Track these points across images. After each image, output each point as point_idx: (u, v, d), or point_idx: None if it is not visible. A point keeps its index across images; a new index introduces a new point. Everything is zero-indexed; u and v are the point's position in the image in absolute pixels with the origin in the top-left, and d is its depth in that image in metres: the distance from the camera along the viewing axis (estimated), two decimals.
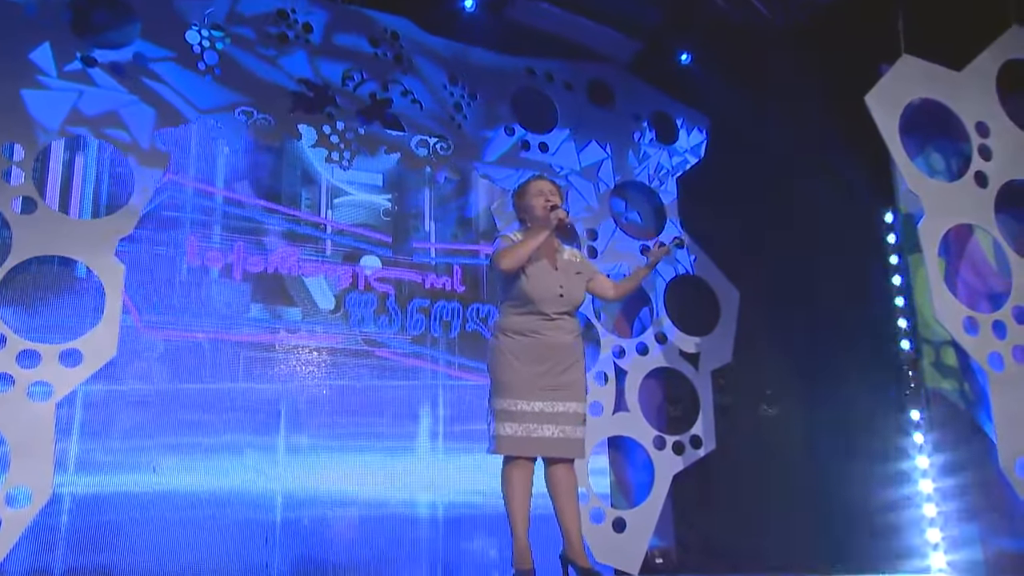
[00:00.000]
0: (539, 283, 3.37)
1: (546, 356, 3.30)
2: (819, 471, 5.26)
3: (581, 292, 3.47)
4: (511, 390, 3.27)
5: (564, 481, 3.33)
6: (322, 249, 4.86)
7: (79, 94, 4.40)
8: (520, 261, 3.33)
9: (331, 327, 4.78)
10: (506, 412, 3.25)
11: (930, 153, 4.90)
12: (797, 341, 5.45)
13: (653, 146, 5.67)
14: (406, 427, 4.85)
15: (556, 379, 3.31)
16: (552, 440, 3.26)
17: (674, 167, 5.68)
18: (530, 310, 3.37)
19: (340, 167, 5.01)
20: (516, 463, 3.28)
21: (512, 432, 3.23)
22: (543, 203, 3.45)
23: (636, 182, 5.70)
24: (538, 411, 3.25)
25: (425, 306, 5.04)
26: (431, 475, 4.83)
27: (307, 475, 4.55)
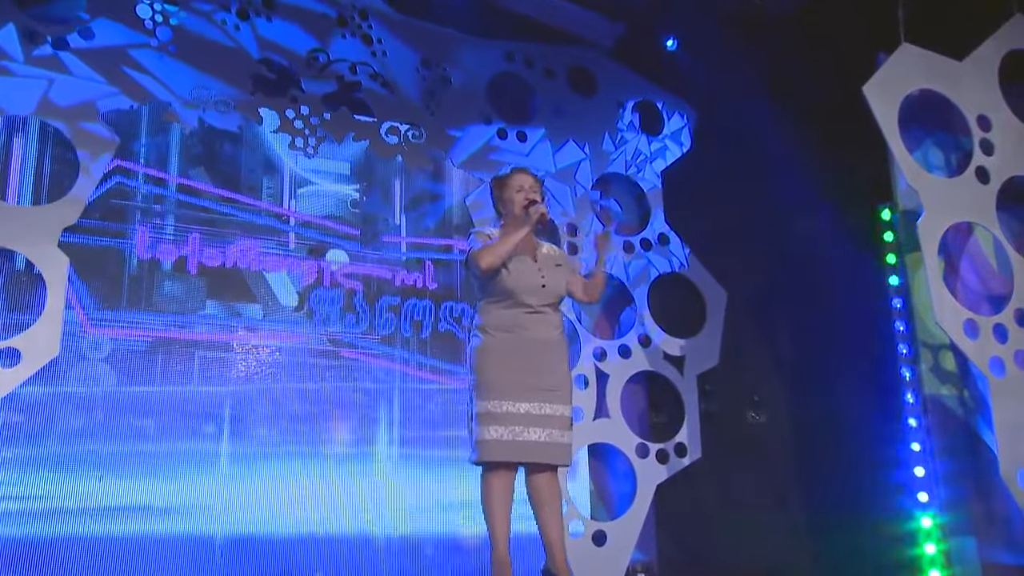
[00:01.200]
0: (520, 276, 3.36)
1: (531, 353, 3.27)
2: (810, 482, 5.24)
3: (563, 283, 3.46)
4: (495, 390, 3.23)
5: (548, 490, 3.29)
6: (285, 242, 4.82)
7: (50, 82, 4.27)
8: (499, 260, 3.31)
9: (294, 326, 4.74)
10: (491, 415, 3.21)
11: (929, 147, 4.88)
12: (787, 345, 5.45)
13: (632, 131, 5.63)
14: (374, 433, 4.80)
15: (542, 379, 3.27)
16: (538, 444, 3.21)
17: (653, 154, 5.65)
18: (512, 304, 3.35)
19: (304, 154, 4.96)
20: (498, 471, 3.23)
21: (498, 435, 3.18)
22: (522, 200, 3.43)
23: (618, 175, 5.64)
24: (524, 413, 3.21)
25: (395, 304, 5.00)
26: (397, 485, 4.77)
27: (263, 485, 4.47)
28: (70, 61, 4.43)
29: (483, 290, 3.44)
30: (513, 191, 3.48)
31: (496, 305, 3.38)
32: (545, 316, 3.38)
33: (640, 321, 5.39)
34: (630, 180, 5.66)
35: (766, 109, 5.31)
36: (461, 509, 4.73)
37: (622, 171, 5.56)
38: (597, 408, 5.14)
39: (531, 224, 3.37)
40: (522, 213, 3.40)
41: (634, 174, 5.57)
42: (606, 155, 5.57)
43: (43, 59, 4.39)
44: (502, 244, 3.33)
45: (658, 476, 5.14)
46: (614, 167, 5.59)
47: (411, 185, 5.22)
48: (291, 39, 4.96)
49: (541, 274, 3.40)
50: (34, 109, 4.32)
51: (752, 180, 5.46)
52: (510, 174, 3.56)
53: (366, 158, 5.10)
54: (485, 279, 3.40)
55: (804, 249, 5.33)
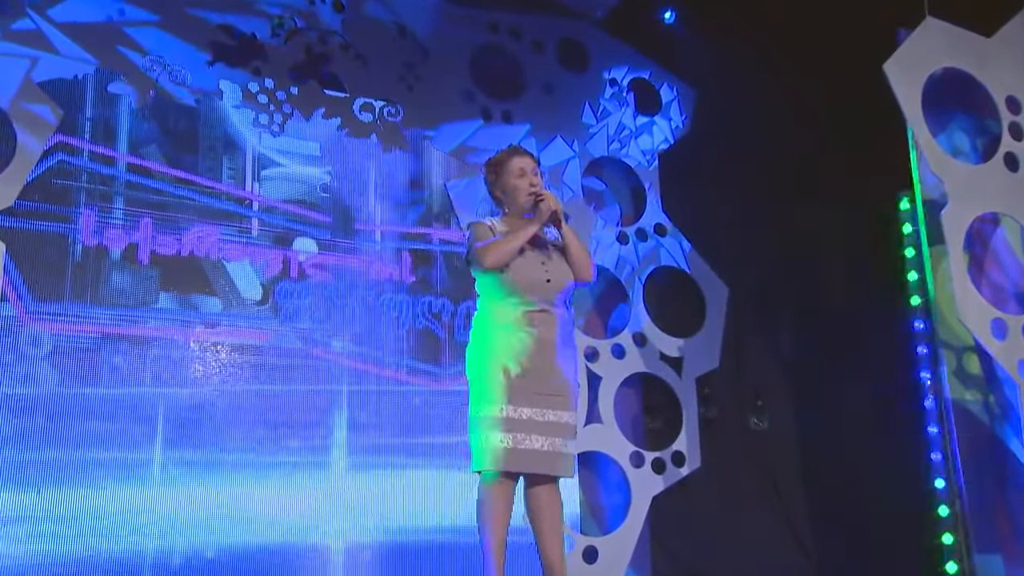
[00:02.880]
0: (523, 271, 3.29)
1: (534, 355, 3.21)
2: (818, 494, 5.23)
3: (568, 275, 3.37)
4: (497, 394, 3.17)
5: (549, 504, 3.23)
6: (247, 229, 4.70)
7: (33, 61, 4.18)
8: (508, 259, 3.25)
9: (258, 321, 4.63)
10: (493, 419, 3.16)
11: (954, 131, 4.86)
12: (794, 345, 5.46)
13: (614, 102, 5.55)
14: (347, 440, 4.68)
15: (547, 383, 3.22)
16: (540, 454, 3.16)
17: (638, 129, 5.58)
18: (515, 303, 3.28)
19: (269, 132, 4.82)
20: (497, 481, 3.17)
21: (501, 443, 3.13)
22: (527, 187, 3.34)
23: (612, 159, 5.55)
24: (526, 419, 3.16)
25: (370, 298, 4.89)
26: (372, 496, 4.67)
27: (222, 497, 4.36)
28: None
29: (483, 285, 3.37)
30: (513, 176, 3.38)
31: (497, 303, 3.31)
32: (549, 314, 3.30)
33: (635, 319, 5.32)
34: (624, 165, 5.57)
35: (773, 88, 5.28)
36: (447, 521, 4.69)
37: (603, 146, 5.49)
38: (588, 413, 5.06)
39: (542, 221, 3.30)
40: (527, 203, 3.33)
41: (617, 150, 5.51)
42: (585, 128, 5.47)
43: None
44: (510, 241, 3.26)
45: (654, 487, 5.08)
46: (595, 143, 5.50)
47: (387, 168, 5.11)
48: (255, 4, 4.86)
49: (545, 268, 3.32)
50: None
51: (757, 165, 5.42)
52: (506, 156, 3.43)
53: (337, 137, 4.99)
54: (485, 273, 3.32)
55: (814, 241, 5.33)
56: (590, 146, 5.46)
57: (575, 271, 3.38)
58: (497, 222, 3.37)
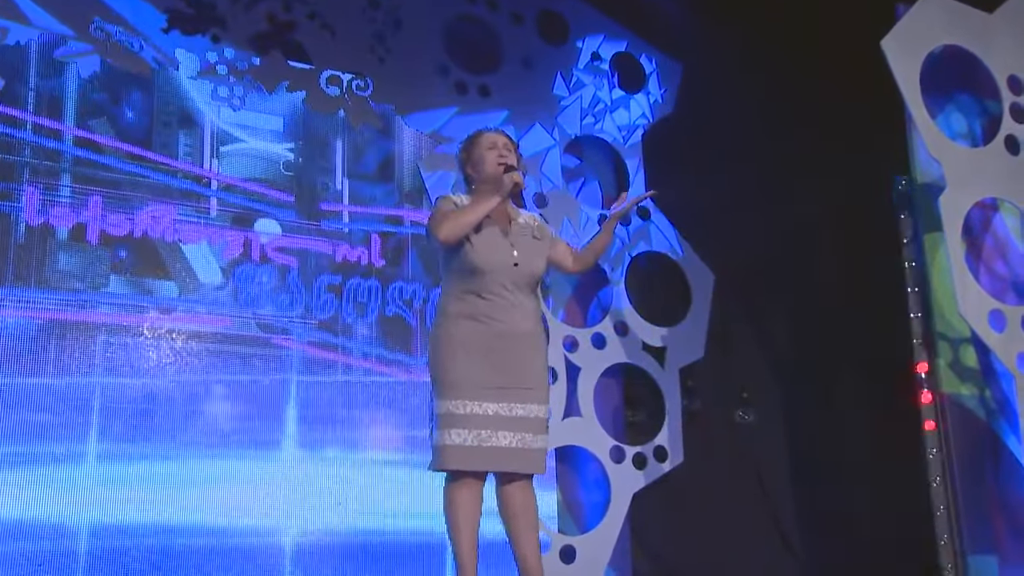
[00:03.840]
0: (488, 252, 3.22)
1: (501, 346, 3.18)
2: (807, 491, 5.20)
3: (541, 262, 3.33)
4: (458, 389, 3.14)
5: (522, 502, 3.20)
6: (205, 209, 4.64)
7: None
8: (463, 230, 3.18)
9: (216, 307, 4.59)
10: (452, 416, 3.12)
11: (953, 112, 4.82)
12: (782, 335, 5.40)
13: (588, 73, 5.48)
14: (311, 433, 4.64)
15: (513, 375, 3.17)
16: (508, 451, 3.13)
17: (614, 103, 5.51)
18: (479, 287, 3.22)
19: (229, 106, 4.76)
20: (463, 481, 3.14)
21: (460, 440, 3.10)
22: (495, 158, 3.30)
23: (593, 138, 5.49)
24: (492, 414, 3.12)
25: (336, 284, 4.84)
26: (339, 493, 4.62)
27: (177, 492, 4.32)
28: None
29: (445, 268, 3.31)
30: (483, 149, 3.35)
31: (460, 287, 3.25)
32: (517, 301, 3.25)
33: (616, 306, 5.26)
34: (606, 145, 5.51)
35: (765, 66, 5.23)
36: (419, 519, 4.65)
37: (576, 120, 5.42)
38: (567, 406, 5.00)
39: (503, 193, 3.22)
40: (496, 172, 3.26)
41: (591, 125, 5.45)
42: (555, 100, 5.39)
43: None
44: (467, 212, 3.19)
45: (635, 483, 5.04)
46: (567, 116, 5.41)
47: (355, 145, 5.05)
48: None
49: (513, 250, 3.26)
50: None
51: (746, 147, 5.36)
52: (478, 133, 3.42)
53: (302, 112, 4.93)
54: (448, 254, 3.27)
55: (805, 226, 5.30)
56: (562, 120, 5.39)
57: (578, 262, 3.45)
58: (464, 198, 3.32)
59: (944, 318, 4.72)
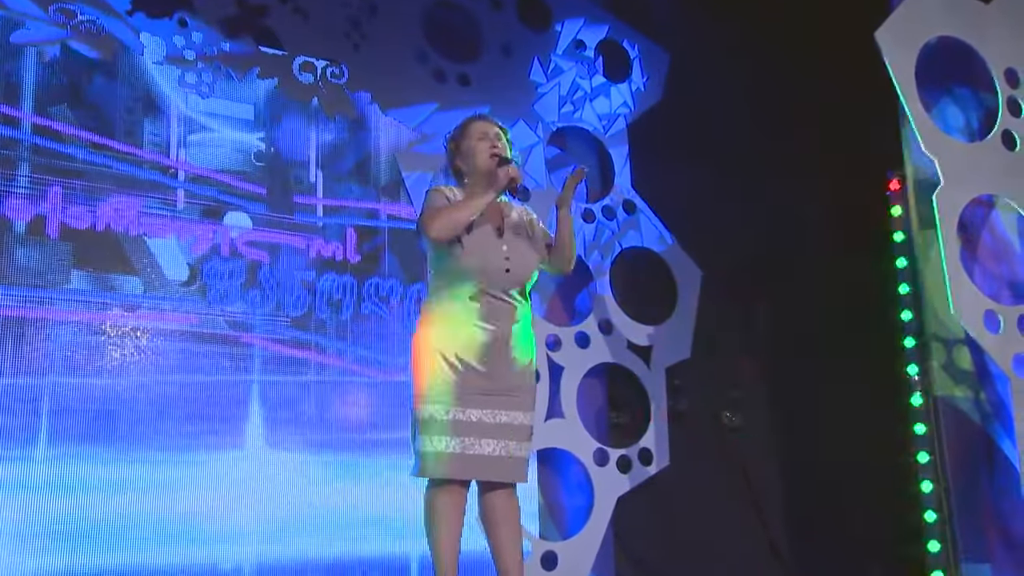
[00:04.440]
0: (479, 255, 3.21)
1: (488, 350, 3.18)
2: (796, 495, 5.24)
3: (533, 264, 3.32)
4: (442, 394, 3.14)
5: (506, 511, 3.22)
6: (172, 201, 4.58)
7: None
8: (456, 229, 3.16)
9: (184, 304, 4.51)
10: (436, 422, 3.13)
11: (948, 106, 4.86)
12: (771, 334, 5.42)
13: (568, 59, 5.46)
14: (283, 436, 4.58)
15: (500, 381, 3.18)
16: (492, 459, 3.14)
17: (594, 90, 5.50)
18: (468, 290, 3.21)
19: (198, 93, 4.67)
20: (445, 488, 3.15)
21: (443, 447, 3.12)
22: (487, 149, 3.27)
23: (577, 129, 5.49)
24: (476, 421, 3.13)
25: (309, 280, 4.78)
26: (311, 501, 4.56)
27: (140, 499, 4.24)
28: None
29: (433, 266, 3.29)
30: (473, 140, 3.31)
31: (448, 289, 3.23)
32: (508, 306, 3.24)
33: (601, 304, 5.26)
34: (590, 136, 5.51)
35: (756, 56, 5.23)
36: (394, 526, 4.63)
37: (555, 108, 5.39)
38: (549, 407, 4.98)
39: (498, 188, 3.18)
40: (489, 165, 3.22)
41: (569, 114, 5.43)
42: (532, 87, 5.36)
43: None
44: (460, 209, 3.17)
45: (619, 487, 5.04)
46: (544, 104, 5.38)
47: (330, 135, 5.00)
48: None
49: (506, 255, 3.24)
50: None
51: (736, 140, 5.36)
52: (468, 122, 3.39)
53: (274, 100, 4.86)
54: (436, 252, 3.25)
55: (795, 222, 5.31)
56: (539, 108, 5.35)
57: (560, 262, 3.38)
58: (457, 191, 3.29)
59: (938, 318, 4.75)
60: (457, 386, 3.13)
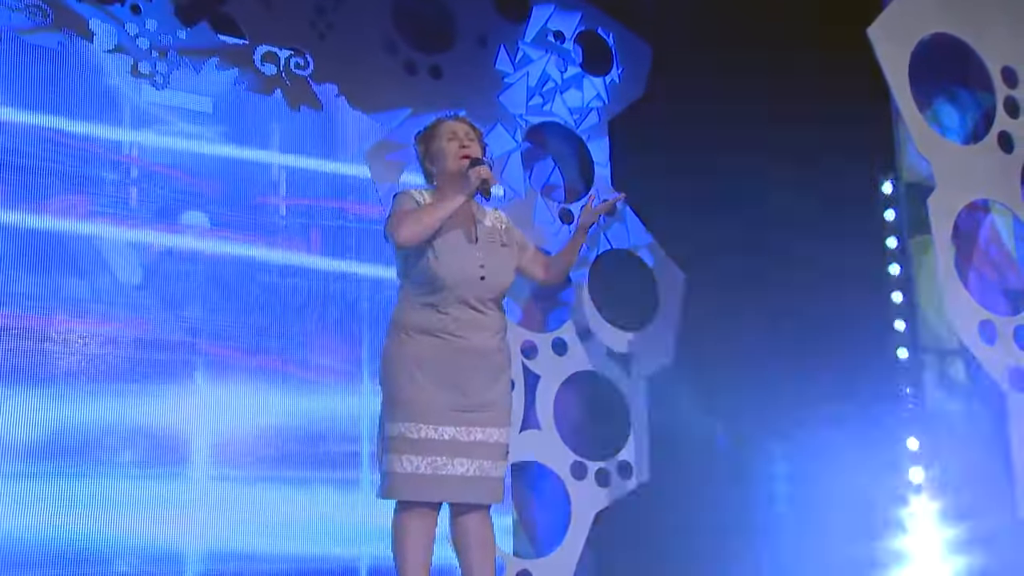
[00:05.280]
0: (452, 263, 3.19)
1: (461, 364, 3.18)
2: (783, 511, 5.23)
3: (509, 271, 3.34)
4: (412, 411, 3.12)
5: (478, 534, 3.22)
6: (124, 199, 4.58)
7: None
8: (425, 232, 3.14)
9: (136, 309, 4.52)
10: (405, 441, 3.10)
11: (942, 105, 4.92)
12: (757, 341, 5.30)
13: (538, 48, 5.41)
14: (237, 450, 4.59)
15: (474, 397, 3.18)
16: (465, 480, 3.14)
17: (565, 81, 5.45)
18: (440, 300, 3.20)
19: (152, 84, 4.66)
20: (414, 511, 3.13)
21: (413, 468, 3.09)
22: (457, 150, 3.27)
23: (554, 125, 5.45)
24: (449, 439, 3.12)
25: (271, 283, 4.82)
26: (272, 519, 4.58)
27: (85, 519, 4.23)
28: None
29: (403, 274, 3.29)
30: (443, 140, 3.31)
31: (419, 298, 3.21)
32: (482, 317, 3.23)
33: (579, 309, 5.23)
34: (569, 132, 5.47)
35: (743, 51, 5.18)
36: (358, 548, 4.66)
37: (522, 100, 5.34)
38: (524, 418, 4.96)
39: (470, 191, 3.17)
40: (459, 167, 3.22)
41: (538, 106, 5.37)
42: (498, 77, 5.30)
43: None
44: (430, 211, 3.15)
45: (597, 502, 5.03)
46: (511, 95, 5.32)
47: (294, 129, 4.98)
48: None
49: (480, 262, 3.23)
50: None
51: (721, 138, 5.27)
52: (438, 122, 3.39)
53: (234, 92, 4.85)
54: (406, 259, 3.24)
55: (782, 225, 5.22)
56: (505, 99, 5.29)
57: (550, 272, 3.47)
58: (427, 195, 3.28)
59: (931, 328, 4.80)
60: (429, 402, 3.11)
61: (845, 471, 4.90)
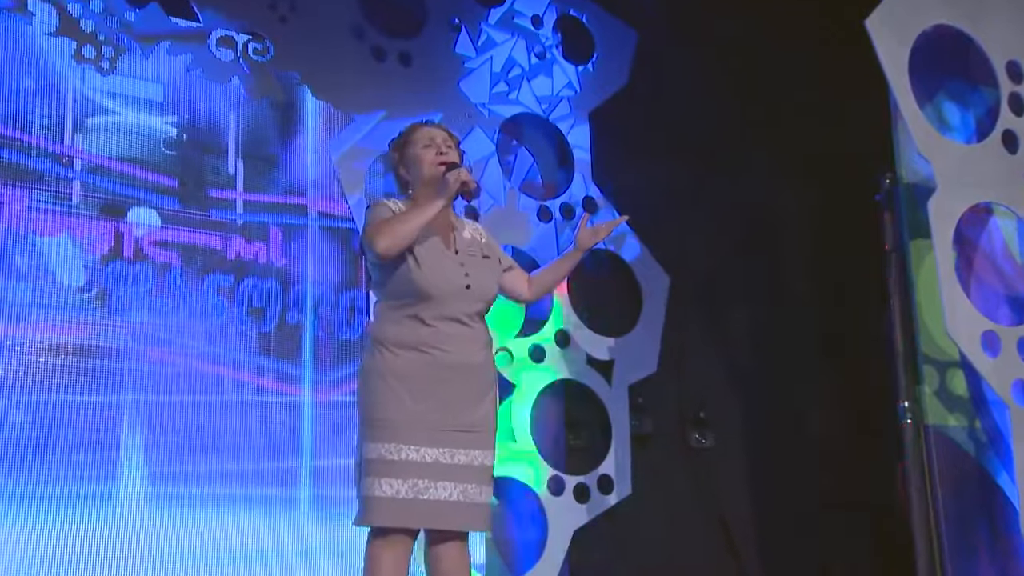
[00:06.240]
0: (435, 272, 3.21)
1: (446, 381, 3.19)
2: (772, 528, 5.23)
3: (494, 282, 3.36)
4: (393, 431, 3.13)
5: (456, 565, 3.22)
6: (66, 194, 4.52)
7: None
8: (405, 241, 3.16)
9: (80, 314, 4.45)
10: (385, 463, 3.10)
11: (944, 102, 4.85)
12: (746, 349, 5.42)
13: (503, 30, 5.39)
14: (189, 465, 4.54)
15: (459, 416, 3.19)
16: (448, 505, 3.13)
17: (532, 68, 5.42)
18: (423, 312, 3.21)
19: (97, 71, 4.58)
20: (391, 538, 3.12)
21: (394, 492, 3.08)
22: (434, 157, 3.30)
23: (531, 116, 5.43)
24: (432, 462, 3.12)
25: (228, 285, 4.75)
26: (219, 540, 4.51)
27: (25, 539, 4.15)
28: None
29: (382, 286, 3.30)
30: (419, 147, 3.34)
31: (400, 311, 3.22)
32: (468, 330, 3.25)
33: (557, 313, 5.23)
34: (545, 123, 5.45)
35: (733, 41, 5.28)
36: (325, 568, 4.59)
37: (485, 88, 5.28)
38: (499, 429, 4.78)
39: (449, 195, 3.20)
40: (435, 174, 3.25)
41: (503, 94, 5.33)
42: (458, 61, 5.25)
43: None
44: (408, 218, 3.17)
45: (576, 519, 5.03)
46: (473, 82, 5.25)
47: (252, 120, 4.94)
48: None
49: (464, 270, 3.25)
50: None
51: (709, 132, 5.36)
52: (413, 128, 3.44)
53: (188, 79, 4.78)
54: (385, 270, 3.25)
55: (774, 226, 5.35)
56: (466, 86, 5.22)
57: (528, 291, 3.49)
58: (401, 204, 3.31)
59: (930, 338, 4.74)
60: (411, 422, 3.11)
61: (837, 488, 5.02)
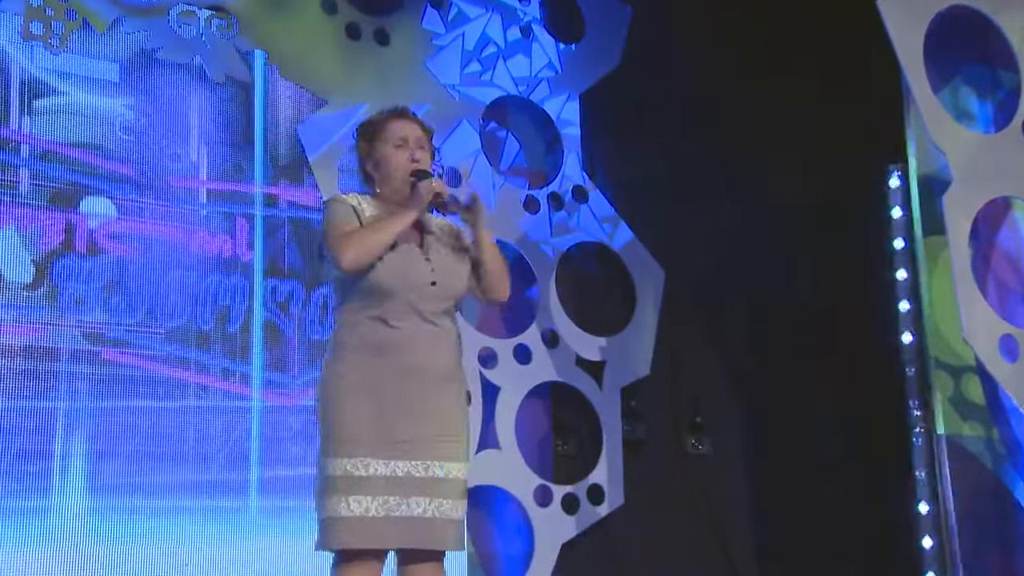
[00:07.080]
0: (398, 268, 3.16)
1: (413, 386, 3.13)
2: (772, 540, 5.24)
3: (462, 277, 3.29)
4: (355, 443, 3.05)
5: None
6: (13, 182, 4.46)
7: None
8: (372, 256, 3.11)
9: (27, 313, 4.40)
10: (351, 480, 3.02)
11: (960, 88, 4.84)
12: (745, 349, 5.45)
13: (476, 4, 5.36)
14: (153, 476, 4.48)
15: (428, 424, 3.11)
16: (423, 522, 3.05)
17: (508, 46, 5.39)
18: (386, 311, 3.14)
19: (47, 48, 4.54)
20: (359, 562, 3.03)
21: (362, 511, 3.00)
22: (406, 163, 3.24)
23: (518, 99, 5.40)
24: (402, 475, 3.04)
25: (189, 282, 4.71)
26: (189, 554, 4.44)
27: None
28: None
29: (341, 287, 3.24)
30: (390, 146, 3.25)
31: (361, 312, 3.15)
32: (436, 330, 3.18)
33: (545, 311, 5.22)
34: (535, 108, 5.43)
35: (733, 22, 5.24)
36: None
37: (456, 67, 5.23)
38: (482, 436, 4.95)
39: (422, 205, 3.16)
40: (406, 185, 3.20)
41: (476, 74, 5.30)
42: (426, 38, 5.20)
43: None
44: (377, 231, 3.12)
45: (564, 532, 5.05)
46: (442, 61, 5.21)
47: (216, 102, 4.88)
48: None
49: (430, 266, 3.18)
50: None
51: (708, 118, 5.35)
52: (384, 119, 3.32)
53: (145, 58, 4.73)
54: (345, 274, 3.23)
55: (776, 219, 5.34)
56: (433, 65, 5.15)
57: (487, 290, 3.34)
58: (366, 203, 3.23)
59: (943, 342, 4.75)
60: (375, 432, 3.03)
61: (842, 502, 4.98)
